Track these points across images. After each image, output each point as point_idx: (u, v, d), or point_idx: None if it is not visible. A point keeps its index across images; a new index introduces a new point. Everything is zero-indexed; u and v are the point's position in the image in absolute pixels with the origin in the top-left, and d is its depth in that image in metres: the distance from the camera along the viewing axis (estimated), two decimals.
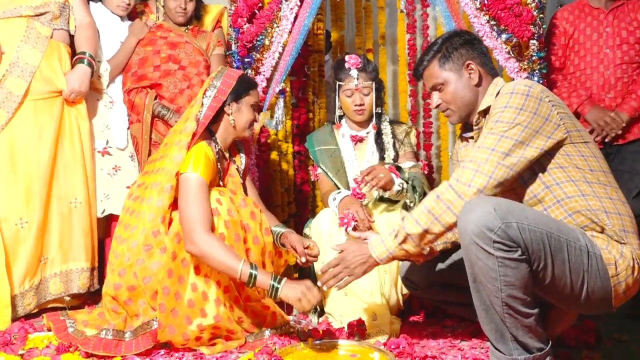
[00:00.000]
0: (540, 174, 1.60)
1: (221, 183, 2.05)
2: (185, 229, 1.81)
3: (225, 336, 1.90)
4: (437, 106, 1.80)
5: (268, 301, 2.00)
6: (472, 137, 1.80)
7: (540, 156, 1.55)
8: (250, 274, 1.75)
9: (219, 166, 2.01)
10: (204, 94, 2.01)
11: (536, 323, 1.48)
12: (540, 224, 1.48)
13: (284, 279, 1.76)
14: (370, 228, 2.07)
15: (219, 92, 2.00)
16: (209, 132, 2.03)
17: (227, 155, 2.10)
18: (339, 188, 2.36)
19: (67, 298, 2.32)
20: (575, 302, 1.56)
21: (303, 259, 1.93)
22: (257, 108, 2.10)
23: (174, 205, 1.91)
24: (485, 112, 1.70)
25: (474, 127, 1.75)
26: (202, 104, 1.98)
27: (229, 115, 2.02)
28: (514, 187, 1.60)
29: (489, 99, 1.69)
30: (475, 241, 1.44)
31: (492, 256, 1.43)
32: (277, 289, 1.74)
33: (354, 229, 2.05)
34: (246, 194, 2.11)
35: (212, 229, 1.84)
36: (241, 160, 2.17)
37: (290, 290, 1.73)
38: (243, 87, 2.03)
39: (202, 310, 1.85)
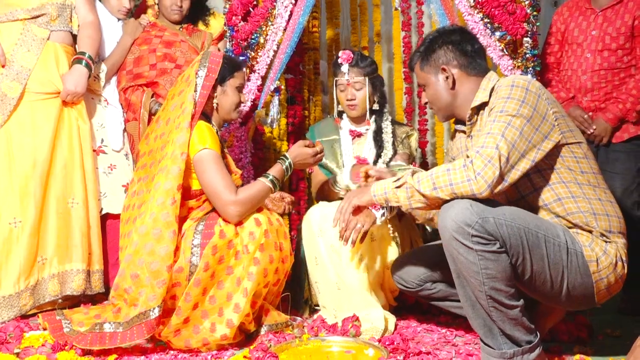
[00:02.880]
0: (532, 175, 1.61)
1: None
2: (218, 205, 1.92)
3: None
4: (426, 104, 1.83)
5: (265, 302, 2.01)
6: (464, 132, 1.81)
7: (535, 164, 1.55)
8: (273, 181, 1.99)
9: (221, 145, 2.04)
10: (196, 74, 2.01)
11: (522, 315, 1.50)
12: (518, 220, 1.50)
13: (288, 157, 2.04)
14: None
15: (209, 70, 2.01)
16: (203, 114, 2.04)
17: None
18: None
19: (60, 300, 2.31)
20: (557, 298, 1.58)
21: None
22: (243, 89, 2.13)
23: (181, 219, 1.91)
24: (479, 107, 1.71)
25: (467, 123, 1.76)
26: (196, 84, 1.99)
27: (214, 98, 2.05)
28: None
29: (482, 95, 1.69)
30: (455, 236, 1.47)
31: (472, 250, 1.46)
32: (290, 163, 2.03)
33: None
34: None
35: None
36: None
37: (297, 155, 2.04)
38: (228, 70, 2.06)
39: (212, 325, 1.86)
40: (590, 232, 1.59)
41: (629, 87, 2.37)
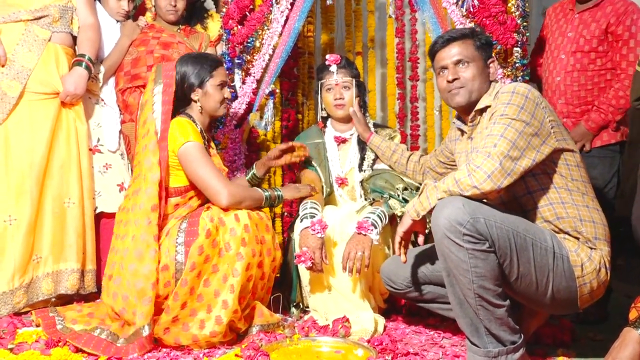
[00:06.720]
0: (527, 178, 1.66)
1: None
2: (211, 194, 1.99)
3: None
4: (453, 81, 1.80)
5: (257, 302, 2.05)
6: (464, 132, 1.87)
7: (535, 164, 1.61)
8: (266, 197, 2.09)
9: (204, 142, 2.07)
10: (152, 92, 2.05)
11: (508, 315, 1.55)
12: (507, 223, 1.55)
13: (281, 189, 2.21)
14: (322, 271, 2.09)
15: (165, 85, 2.05)
16: (187, 115, 2.09)
17: (206, 136, 2.15)
18: (321, 178, 2.40)
19: (53, 299, 2.33)
20: (542, 300, 1.63)
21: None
22: (225, 85, 2.14)
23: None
24: (482, 110, 1.78)
25: (469, 123, 1.83)
26: (154, 102, 2.03)
27: (196, 102, 2.10)
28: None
29: (487, 99, 1.78)
30: (447, 235, 1.52)
31: (463, 248, 1.51)
32: (281, 195, 2.15)
33: (310, 268, 2.06)
34: None
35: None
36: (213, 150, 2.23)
37: (288, 192, 2.20)
38: (206, 71, 2.09)
39: (201, 322, 1.89)
40: (577, 238, 1.64)
41: (608, 97, 2.34)
